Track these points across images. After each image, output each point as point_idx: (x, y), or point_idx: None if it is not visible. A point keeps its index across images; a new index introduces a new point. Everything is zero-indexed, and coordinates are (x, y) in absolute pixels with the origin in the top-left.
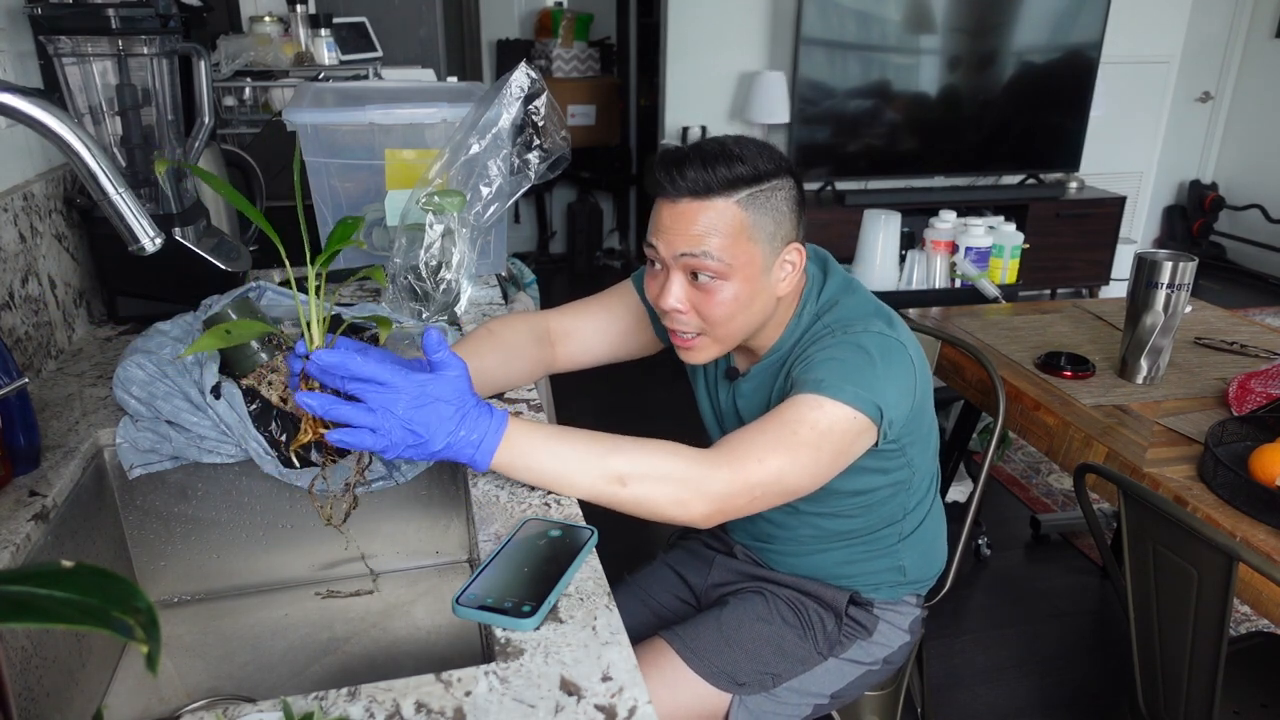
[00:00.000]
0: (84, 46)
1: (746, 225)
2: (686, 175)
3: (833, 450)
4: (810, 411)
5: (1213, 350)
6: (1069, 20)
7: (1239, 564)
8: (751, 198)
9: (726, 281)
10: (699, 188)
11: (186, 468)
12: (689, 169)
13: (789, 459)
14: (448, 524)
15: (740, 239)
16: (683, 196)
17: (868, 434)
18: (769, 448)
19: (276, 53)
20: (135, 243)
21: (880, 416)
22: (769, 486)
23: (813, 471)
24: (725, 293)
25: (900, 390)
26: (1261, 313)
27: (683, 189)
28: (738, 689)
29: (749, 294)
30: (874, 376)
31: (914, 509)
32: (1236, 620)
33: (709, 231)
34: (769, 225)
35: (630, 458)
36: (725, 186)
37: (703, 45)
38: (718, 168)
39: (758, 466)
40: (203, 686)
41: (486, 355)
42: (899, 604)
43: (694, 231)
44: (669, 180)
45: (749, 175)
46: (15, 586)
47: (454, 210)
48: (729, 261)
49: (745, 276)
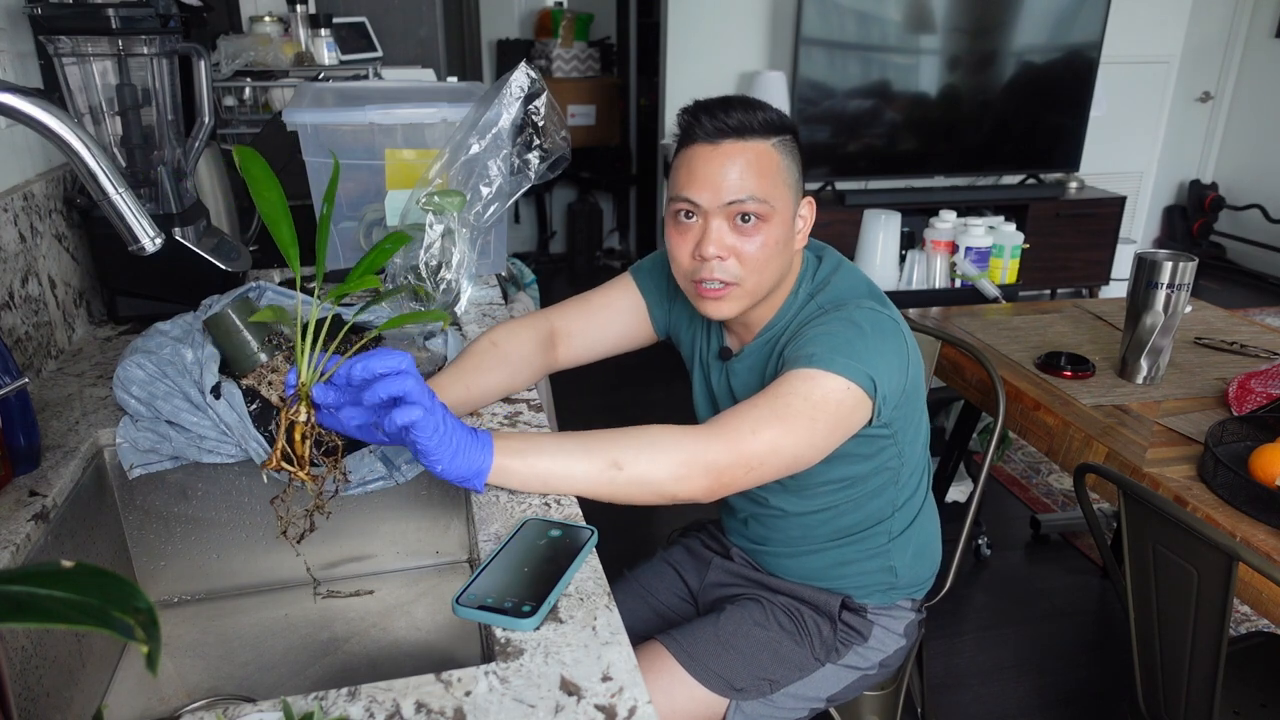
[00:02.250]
0: (84, 46)
1: (781, 167)
2: (732, 115)
3: (828, 422)
4: (803, 384)
5: (1213, 350)
6: (1069, 20)
7: (1239, 564)
8: (783, 143)
9: (767, 224)
10: (744, 128)
11: (186, 468)
12: (734, 110)
13: (782, 430)
14: (448, 524)
15: (778, 180)
16: (724, 138)
17: (863, 406)
18: (763, 420)
19: (276, 53)
20: (135, 243)
21: (874, 389)
22: (765, 458)
23: (808, 443)
24: (767, 235)
25: (892, 365)
26: (1261, 313)
27: (726, 129)
28: (735, 694)
29: (784, 238)
30: (865, 349)
31: (903, 506)
32: (1236, 620)
33: (752, 172)
34: (795, 173)
35: (624, 442)
36: (764, 129)
37: (703, 45)
38: (757, 111)
39: (752, 438)
40: (203, 686)
41: (492, 370)
42: (893, 608)
43: (737, 175)
44: (712, 121)
45: (779, 122)
46: (15, 586)
47: (454, 210)
48: (771, 203)
49: (782, 220)
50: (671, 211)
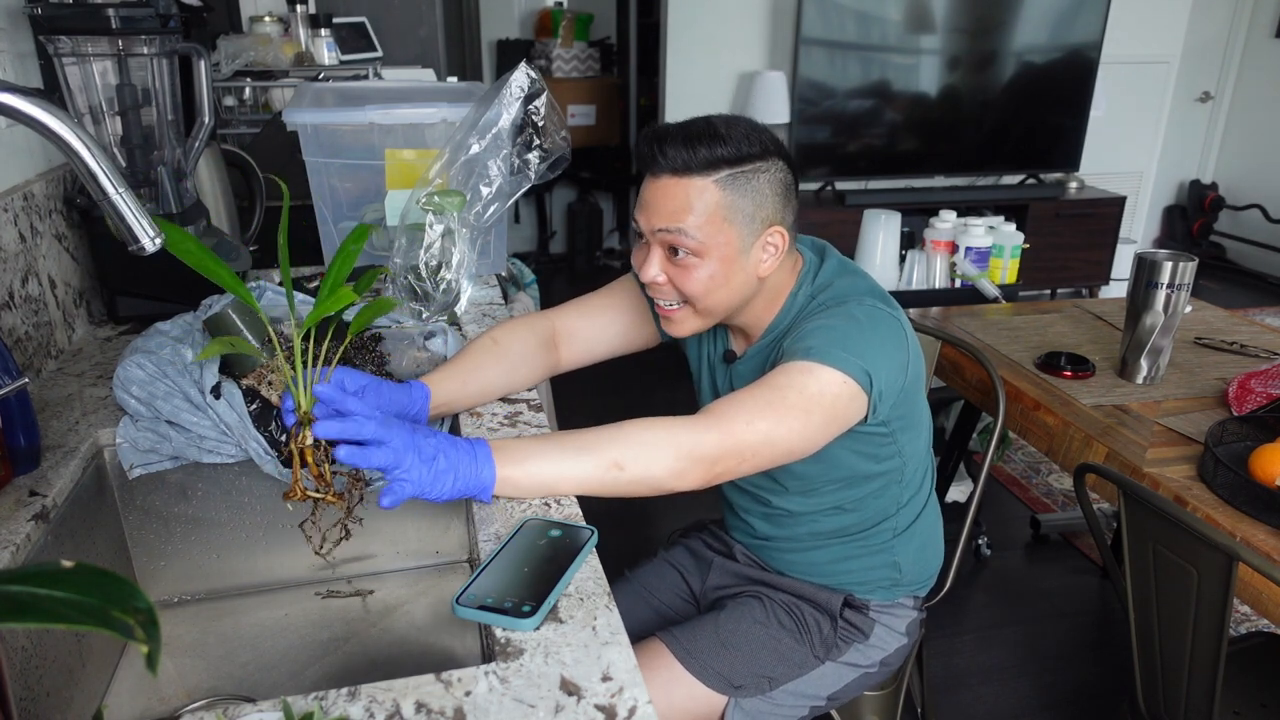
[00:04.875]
0: (84, 46)
1: (723, 206)
2: (667, 153)
3: (823, 415)
4: (799, 376)
5: (1213, 350)
6: (1069, 20)
7: (1239, 564)
8: (731, 179)
9: (701, 260)
10: (679, 165)
11: (186, 468)
12: (670, 146)
13: (776, 421)
14: (448, 524)
15: (716, 219)
16: (664, 173)
17: (858, 400)
18: (757, 411)
19: (276, 53)
20: (135, 243)
21: (870, 384)
22: (758, 449)
23: (802, 434)
24: (701, 271)
25: (891, 361)
26: (1261, 313)
27: (664, 165)
28: (734, 691)
29: (724, 273)
30: (863, 344)
31: (907, 503)
32: (1236, 620)
33: (685, 209)
34: (748, 207)
35: (622, 441)
36: (705, 166)
37: (703, 45)
38: (699, 147)
39: (745, 429)
40: (203, 686)
41: (490, 368)
42: (895, 606)
43: (671, 208)
44: (651, 156)
45: (730, 156)
46: (15, 586)
47: (454, 210)
48: (703, 240)
49: (721, 256)
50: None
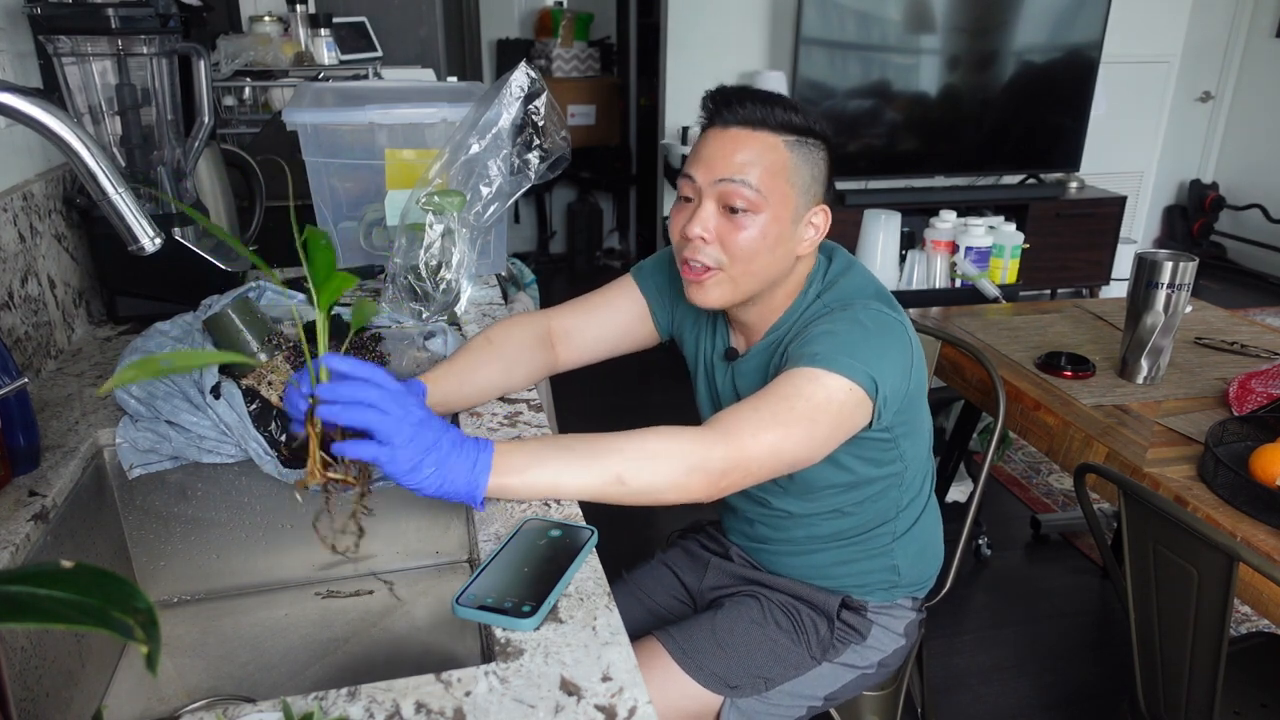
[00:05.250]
0: (84, 46)
1: (789, 166)
2: (745, 104)
3: (829, 423)
4: (806, 384)
5: (1213, 350)
6: (1069, 20)
7: (1239, 564)
8: (799, 143)
9: (758, 215)
10: (755, 118)
11: (186, 468)
12: (749, 100)
13: (784, 433)
14: (448, 524)
15: (780, 177)
16: (734, 124)
17: (863, 407)
18: (764, 423)
19: (276, 53)
20: (135, 243)
21: (875, 390)
22: (765, 460)
23: (808, 444)
24: (755, 227)
25: (896, 367)
26: (1261, 313)
27: (738, 116)
28: (730, 691)
29: (776, 235)
30: (869, 350)
31: (907, 506)
32: (1236, 620)
33: (753, 161)
34: (807, 175)
35: (626, 455)
36: (779, 125)
37: (703, 45)
38: (775, 107)
39: (752, 442)
40: (203, 686)
41: (485, 366)
42: (893, 607)
43: (738, 158)
44: (726, 107)
45: (801, 124)
46: (15, 586)
47: (454, 210)
48: (765, 194)
49: (776, 216)
50: (678, 194)
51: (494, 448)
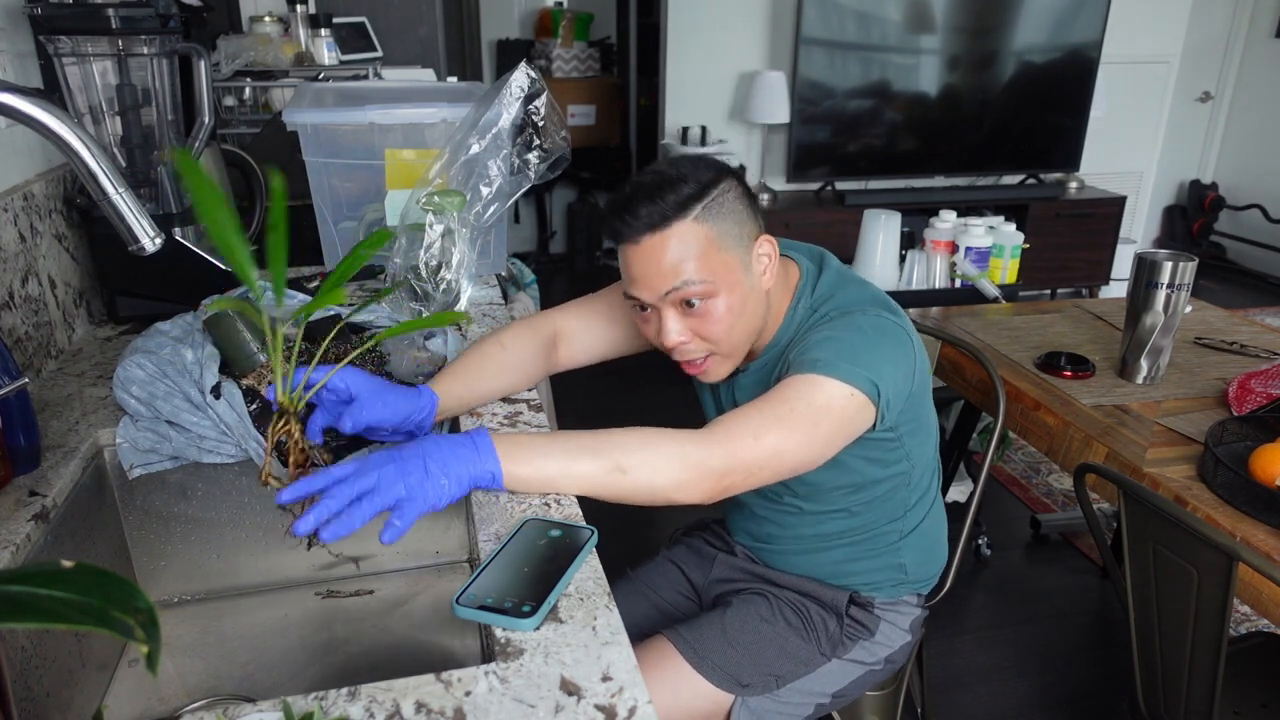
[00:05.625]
0: (84, 46)
1: (712, 238)
2: (639, 213)
3: (831, 427)
4: (806, 389)
5: (1213, 350)
6: (1069, 20)
7: (1239, 564)
8: (706, 210)
9: (716, 298)
10: (655, 220)
11: (186, 468)
12: (639, 206)
13: (784, 436)
14: (448, 524)
15: (711, 252)
16: (643, 234)
17: (865, 412)
18: (765, 426)
19: (276, 53)
20: (135, 243)
21: (877, 394)
22: (765, 464)
23: (809, 448)
24: (719, 309)
25: (898, 370)
26: (1261, 313)
27: (640, 226)
28: (741, 690)
29: (740, 301)
30: (870, 355)
31: (914, 506)
32: (1236, 620)
33: (681, 259)
34: (732, 229)
35: (628, 448)
36: (678, 209)
37: (703, 45)
38: (664, 195)
39: (753, 444)
40: (203, 686)
41: (496, 373)
42: (899, 603)
43: (667, 265)
44: (624, 224)
45: (696, 191)
46: (15, 586)
47: (454, 210)
48: (711, 278)
49: (729, 285)
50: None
51: (487, 431)
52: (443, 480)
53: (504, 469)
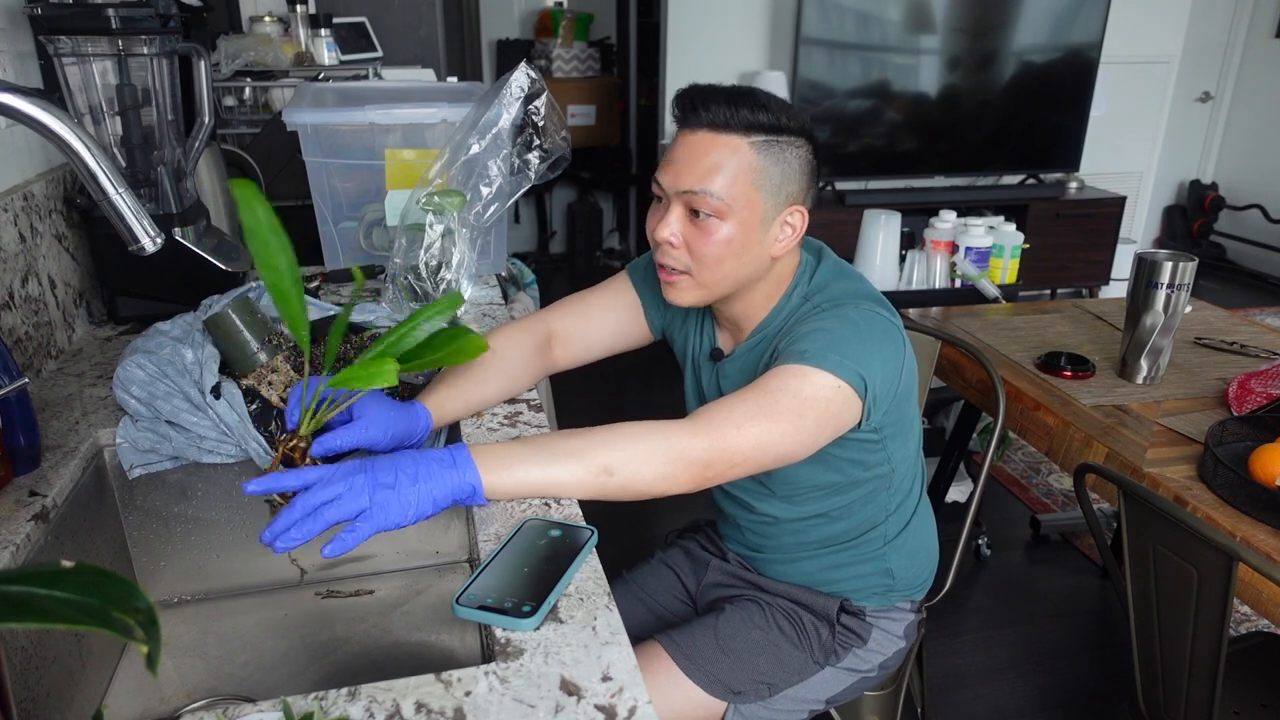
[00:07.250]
0: (84, 46)
1: (755, 169)
2: (710, 107)
3: (816, 419)
4: (793, 380)
5: (1213, 350)
6: (1069, 20)
7: (1239, 564)
8: (766, 144)
9: (723, 221)
10: (718, 121)
11: (186, 468)
12: (713, 102)
13: (768, 426)
14: (448, 524)
15: (745, 182)
16: (701, 127)
17: (852, 405)
18: (749, 416)
19: (276, 53)
20: (135, 243)
21: (865, 388)
22: (750, 453)
23: (794, 439)
24: (720, 233)
25: (887, 366)
26: (1261, 313)
27: (702, 120)
28: (733, 697)
29: (743, 240)
30: (859, 348)
31: (896, 510)
32: (1236, 620)
33: (715, 168)
34: (776, 177)
35: (610, 446)
36: (743, 126)
37: (703, 45)
38: (740, 107)
39: (736, 434)
40: (203, 686)
41: (492, 380)
42: (892, 610)
43: (703, 166)
44: (691, 110)
45: (769, 123)
46: (15, 586)
47: (454, 210)
48: (729, 201)
49: (742, 221)
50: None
51: (466, 445)
52: (411, 498)
53: (485, 480)
